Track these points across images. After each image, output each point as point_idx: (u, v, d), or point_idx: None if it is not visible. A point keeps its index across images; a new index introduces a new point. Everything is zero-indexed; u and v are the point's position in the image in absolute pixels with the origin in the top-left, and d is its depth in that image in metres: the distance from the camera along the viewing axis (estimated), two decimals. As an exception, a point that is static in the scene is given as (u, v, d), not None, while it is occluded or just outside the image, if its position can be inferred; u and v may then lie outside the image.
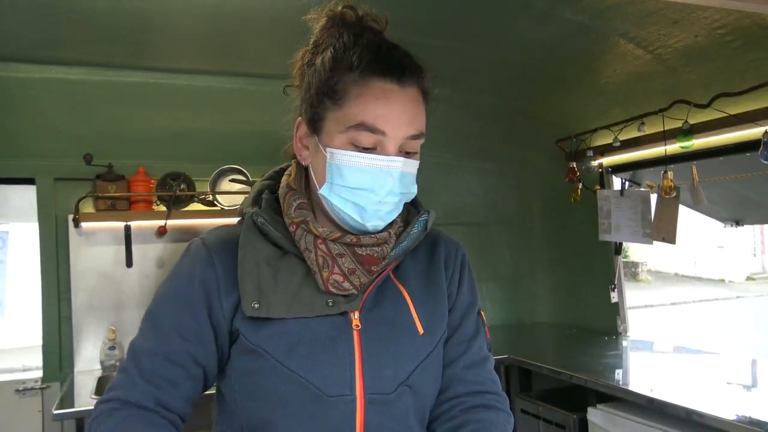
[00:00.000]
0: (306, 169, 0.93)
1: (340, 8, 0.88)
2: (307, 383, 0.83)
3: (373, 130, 0.82)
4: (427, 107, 0.89)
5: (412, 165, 0.87)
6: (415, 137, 0.85)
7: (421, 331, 0.91)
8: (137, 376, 0.85)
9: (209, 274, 0.87)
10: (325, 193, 0.85)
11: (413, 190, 0.89)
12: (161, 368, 0.85)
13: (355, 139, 0.83)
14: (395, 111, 0.83)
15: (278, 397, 0.84)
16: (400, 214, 0.92)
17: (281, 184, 0.96)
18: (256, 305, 0.84)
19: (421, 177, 0.85)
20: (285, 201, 0.92)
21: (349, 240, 0.86)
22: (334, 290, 0.86)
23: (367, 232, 0.87)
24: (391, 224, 0.90)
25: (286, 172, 0.97)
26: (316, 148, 0.88)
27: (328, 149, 0.84)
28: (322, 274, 0.86)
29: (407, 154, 0.86)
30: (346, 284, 0.86)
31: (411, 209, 0.97)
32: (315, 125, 0.87)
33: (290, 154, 0.96)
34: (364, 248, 0.86)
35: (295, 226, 0.88)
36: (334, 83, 0.84)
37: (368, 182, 0.83)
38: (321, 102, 0.85)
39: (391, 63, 0.84)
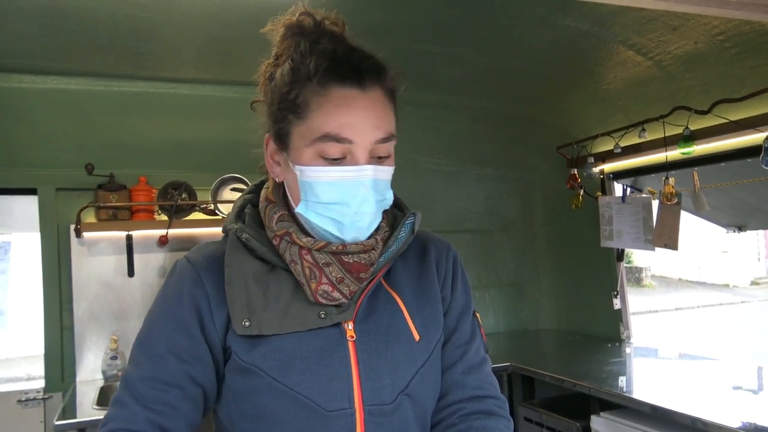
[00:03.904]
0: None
1: (296, 16, 0.85)
2: (305, 399, 0.81)
3: (338, 139, 0.80)
4: (395, 106, 0.87)
5: (384, 171, 0.84)
6: (385, 140, 0.83)
7: (417, 337, 0.89)
8: (134, 404, 0.82)
9: (198, 292, 0.85)
10: (302, 211, 0.84)
11: (388, 196, 0.86)
12: (159, 392, 0.82)
13: (323, 151, 0.80)
14: (359, 117, 0.80)
15: (276, 415, 0.82)
16: (385, 219, 0.91)
17: (260, 198, 0.94)
18: (247, 323, 0.82)
19: (421, 183, 0.83)
20: (265, 214, 0.90)
21: (334, 248, 0.84)
22: (323, 301, 0.84)
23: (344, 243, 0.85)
24: (377, 230, 0.88)
25: (264, 185, 0.96)
26: (286, 164, 0.86)
27: (297, 167, 0.83)
28: (311, 286, 0.84)
29: (379, 159, 0.83)
30: (336, 294, 0.84)
31: (397, 213, 0.95)
32: (282, 141, 0.85)
33: (265, 169, 0.94)
34: (350, 256, 0.84)
35: (278, 239, 0.86)
36: (294, 96, 0.82)
37: (341, 196, 0.81)
38: (285, 117, 0.83)
39: (350, 67, 0.81)
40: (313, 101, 0.81)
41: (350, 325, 0.86)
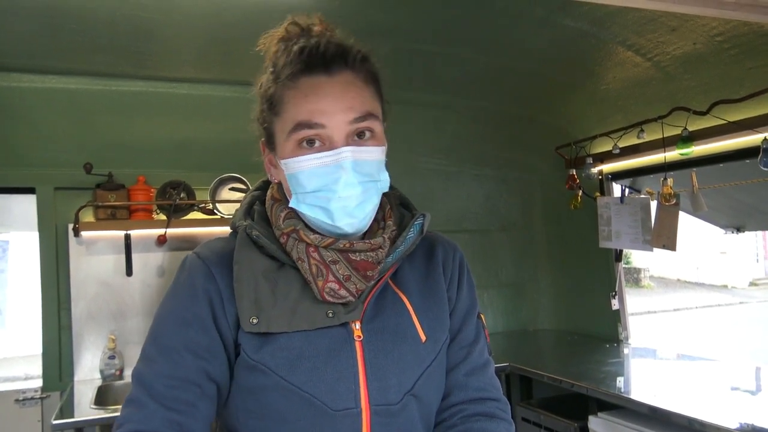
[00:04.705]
0: None
1: (285, 26, 0.88)
2: (312, 398, 0.81)
3: (311, 125, 0.81)
4: (378, 88, 0.88)
5: (366, 152, 0.82)
6: (360, 119, 0.82)
7: (423, 338, 0.89)
8: (152, 404, 0.79)
9: (210, 286, 0.85)
10: (294, 206, 0.85)
11: (382, 177, 0.86)
12: (178, 390, 0.80)
13: (299, 140, 0.82)
14: (329, 102, 0.81)
15: (282, 414, 0.82)
16: (393, 218, 0.91)
17: (267, 196, 0.94)
18: (255, 320, 0.82)
19: (421, 184, 0.83)
20: (272, 212, 0.90)
21: (342, 246, 0.84)
22: (330, 299, 0.84)
23: (347, 235, 0.84)
24: (384, 228, 0.89)
25: (271, 183, 0.96)
26: (276, 164, 0.88)
27: (281, 161, 0.85)
28: (317, 283, 0.84)
29: (361, 139, 0.83)
30: (342, 291, 0.84)
31: (404, 212, 0.95)
32: (270, 141, 0.88)
33: None
34: (357, 254, 0.84)
35: (285, 237, 0.86)
36: (271, 95, 0.85)
37: (322, 182, 0.82)
38: (268, 118, 0.87)
39: (316, 57, 0.82)
40: (286, 95, 0.83)
41: (357, 325, 0.86)
